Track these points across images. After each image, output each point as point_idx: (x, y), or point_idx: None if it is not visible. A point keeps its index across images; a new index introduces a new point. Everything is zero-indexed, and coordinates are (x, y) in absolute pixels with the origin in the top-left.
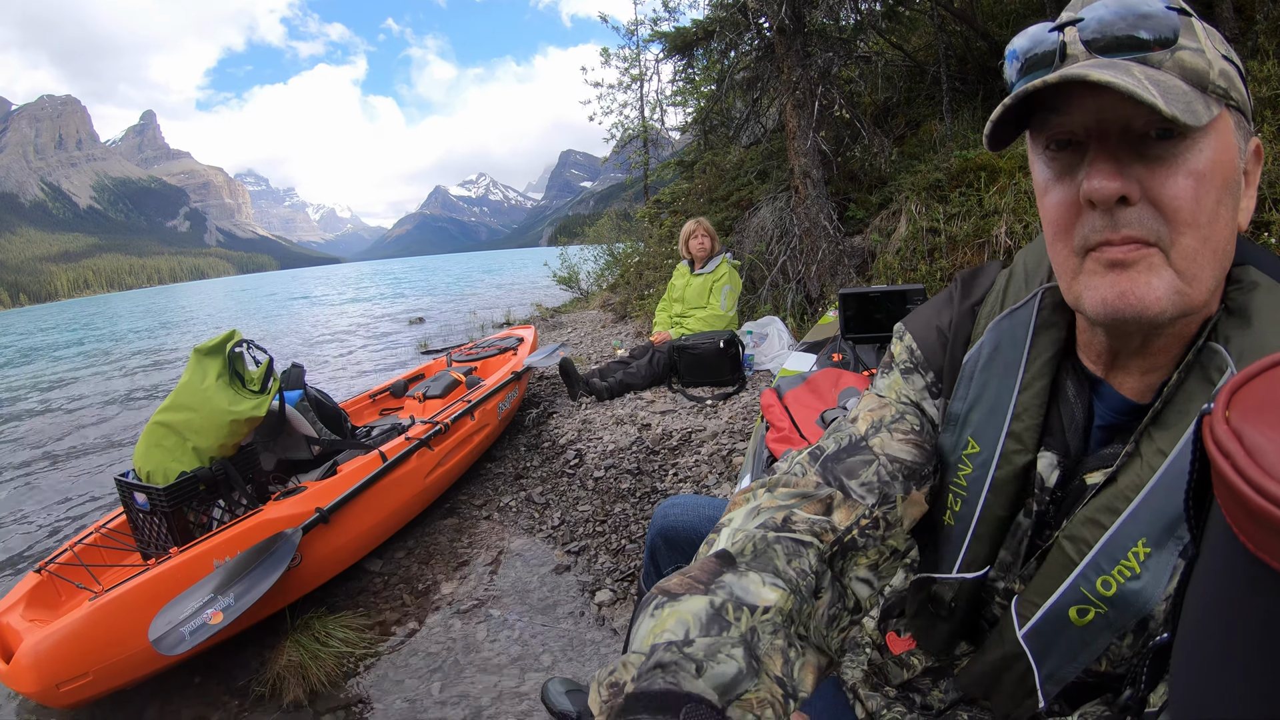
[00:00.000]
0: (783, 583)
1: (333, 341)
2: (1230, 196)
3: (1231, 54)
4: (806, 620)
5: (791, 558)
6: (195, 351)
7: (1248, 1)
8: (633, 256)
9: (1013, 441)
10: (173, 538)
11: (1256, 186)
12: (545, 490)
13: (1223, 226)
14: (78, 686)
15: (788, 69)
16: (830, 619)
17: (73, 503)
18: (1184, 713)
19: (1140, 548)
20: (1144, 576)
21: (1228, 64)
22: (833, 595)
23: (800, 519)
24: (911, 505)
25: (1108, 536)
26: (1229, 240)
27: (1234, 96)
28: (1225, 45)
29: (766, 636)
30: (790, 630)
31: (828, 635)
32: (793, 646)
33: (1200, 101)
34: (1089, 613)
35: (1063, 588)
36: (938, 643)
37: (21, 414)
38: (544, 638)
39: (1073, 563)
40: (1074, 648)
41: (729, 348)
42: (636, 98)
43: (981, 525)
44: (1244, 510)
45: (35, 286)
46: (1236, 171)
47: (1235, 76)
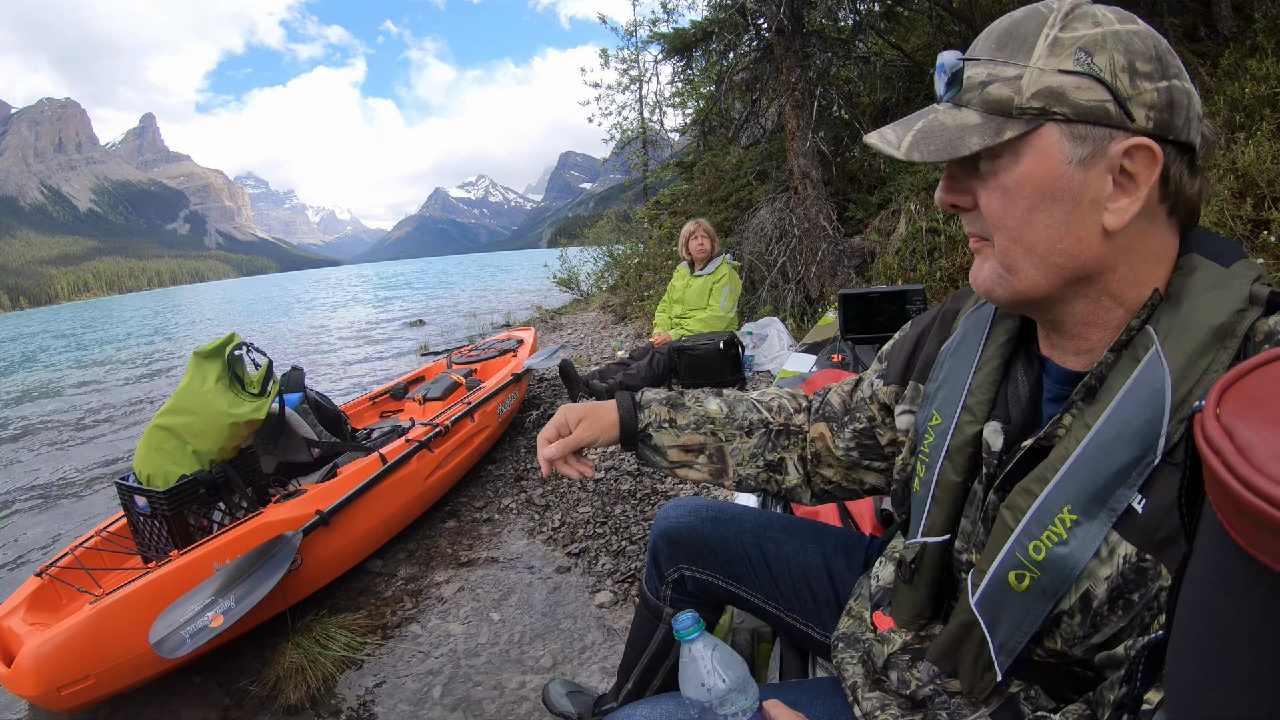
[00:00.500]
0: (727, 408)
1: (333, 344)
2: (1052, 203)
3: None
4: (730, 436)
5: (748, 411)
6: (195, 354)
7: (1246, 1)
8: (632, 258)
9: (966, 414)
10: (173, 541)
11: (1145, 185)
12: (545, 492)
13: (1039, 231)
14: (79, 690)
15: (786, 70)
16: (751, 455)
17: (73, 506)
18: (1179, 710)
19: (1066, 514)
20: (1070, 543)
21: (1069, 77)
22: (759, 443)
23: (774, 401)
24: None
25: (1038, 503)
26: (1056, 241)
27: (1058, 111)
28: (1088, 53)
29: (690, 407)
30: (707, 425)
31: (742, 462)
32: (697, 429)
33: (985, 131)
34: (1025, 578)
35: (1002, 553)
36: (906, 611)
37: (21, 416)
38: (545, 639)
39: (1010, 530)
40: (1019, 615)
41: (729, 349)
42: (636, 99)
43: (940, 490)
44: (1235, 507)
45: (35, 290)
46: (1060, 180)
47: (1073, 88)
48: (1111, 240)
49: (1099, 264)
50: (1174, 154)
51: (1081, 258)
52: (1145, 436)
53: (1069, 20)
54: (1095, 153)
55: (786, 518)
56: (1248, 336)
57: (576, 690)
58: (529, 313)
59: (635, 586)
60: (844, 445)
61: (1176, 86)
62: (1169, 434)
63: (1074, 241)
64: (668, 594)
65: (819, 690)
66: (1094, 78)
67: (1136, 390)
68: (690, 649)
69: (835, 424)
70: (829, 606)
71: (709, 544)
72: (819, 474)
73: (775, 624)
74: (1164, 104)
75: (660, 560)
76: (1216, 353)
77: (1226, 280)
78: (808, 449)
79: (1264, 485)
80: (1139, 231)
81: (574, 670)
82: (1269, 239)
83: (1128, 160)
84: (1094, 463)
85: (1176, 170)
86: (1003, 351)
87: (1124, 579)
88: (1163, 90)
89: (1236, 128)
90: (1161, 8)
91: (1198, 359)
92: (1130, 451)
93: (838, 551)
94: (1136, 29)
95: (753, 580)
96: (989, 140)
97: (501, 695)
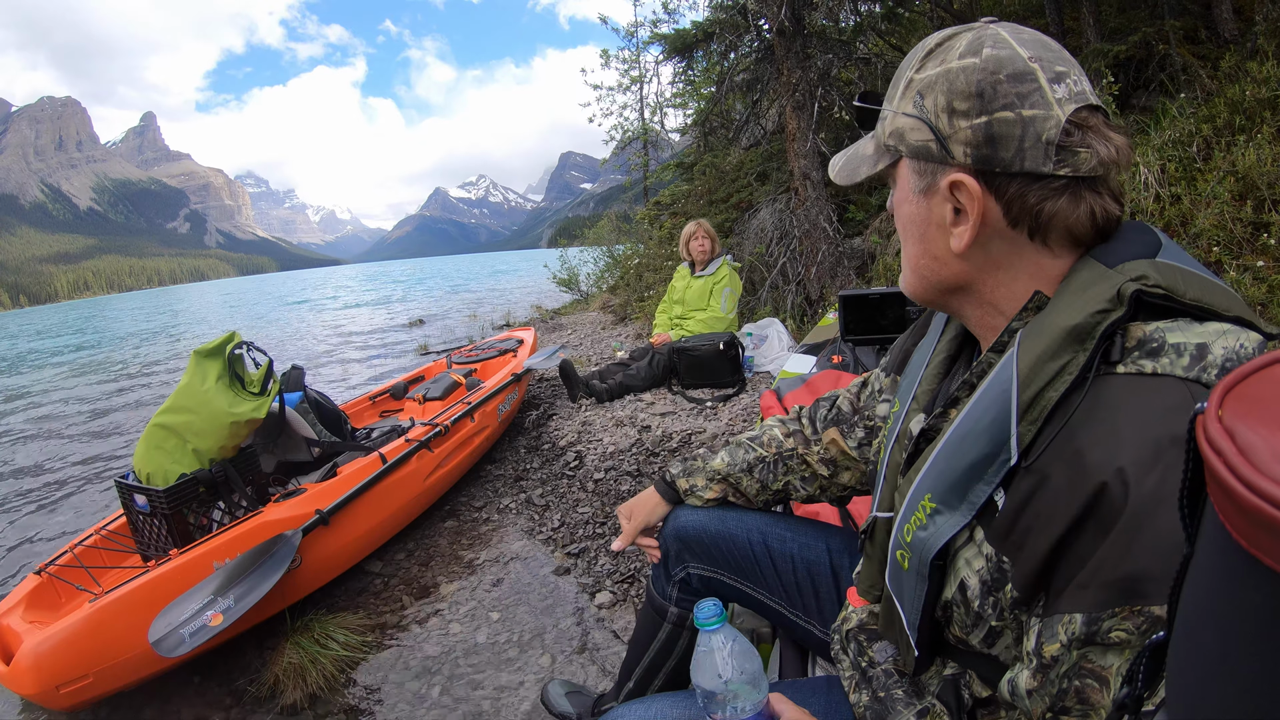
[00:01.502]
0: (728, 456)
1: (333, 343)
2: (910, 224)
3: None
4: (738, 479)
5: (745, 454)
6: (195, 354)
7: (1247, 2)
8: (633, 258)
9: (914, 403)
10: (173, 539)
11: (973, 214)
12: (545, 492)
13: (909, 245)
14: (78, 688)
15: (787, 71)
16: (759, 488)
17: (72, 505)
18: (1179, 711)
19: (927, 501)
20: (929, 528)
21: (908, 119)
22: (761, 475)
23: (763, 435)
24: (832, 441)
25: (911, 489)
26: (920, 255)
27: (901, 148)
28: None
29: (702, 468)
30: (718, 477)
31: (756, 494)
32: (714, 482)
33: (871, 161)
34: (905, 558)
35: (893, 533)
36: (864, 581)
37: (20, 416)
38: (544, 639)
39: (898, 512)
40: (910, 593)
41: (729, 350)
42: (636, 99)
43: (887, 470)
44: (1237, 508)
45: (35, 288)
46: (914, 205)
47: (910, 129)
48: (967, 259)
49: (962, 278)
50: (1009, 183)
51: (942, 273)
52: (994, 435)
53: (926, 60)
54: (930, 185)
55: (792, 516)
56: (1111, 338)
57: (576, 690)
58: (529, 313)
59: (635, 586)
60: (856, 443)
61: (1000, 119)
62: (1020, 434)
63: (931, 259)
64: (674, 593)
65: (817, 688)
66: (920, 119)
67: (989, 389)
68: (711, 638)
69: (846, 426)
70: (831, 604)
71: (716, 541)
72: (836, 483)
73: (778, 621)
74: (981, 140)
75: (668, 559)
76: (1073, 354)
77: (1097, 281)
78: (814, 464)
79: (1266, 486)
80: (1001, 252)
81: (573, 670)
82: (1269, 242)
83: (956, 192)
84: (950, 455)
85: (1018, 198)
86: (949, 348)
87: (990, 575)
88: (979, 126)
89: (1237, 130)
90: (1162, 9)
91: (1047, 361)
92: (979, 448)
93: (843, 550)
94: (972, 63)
95: (758, 576)
96: (869, 170)
97: (501, 695)
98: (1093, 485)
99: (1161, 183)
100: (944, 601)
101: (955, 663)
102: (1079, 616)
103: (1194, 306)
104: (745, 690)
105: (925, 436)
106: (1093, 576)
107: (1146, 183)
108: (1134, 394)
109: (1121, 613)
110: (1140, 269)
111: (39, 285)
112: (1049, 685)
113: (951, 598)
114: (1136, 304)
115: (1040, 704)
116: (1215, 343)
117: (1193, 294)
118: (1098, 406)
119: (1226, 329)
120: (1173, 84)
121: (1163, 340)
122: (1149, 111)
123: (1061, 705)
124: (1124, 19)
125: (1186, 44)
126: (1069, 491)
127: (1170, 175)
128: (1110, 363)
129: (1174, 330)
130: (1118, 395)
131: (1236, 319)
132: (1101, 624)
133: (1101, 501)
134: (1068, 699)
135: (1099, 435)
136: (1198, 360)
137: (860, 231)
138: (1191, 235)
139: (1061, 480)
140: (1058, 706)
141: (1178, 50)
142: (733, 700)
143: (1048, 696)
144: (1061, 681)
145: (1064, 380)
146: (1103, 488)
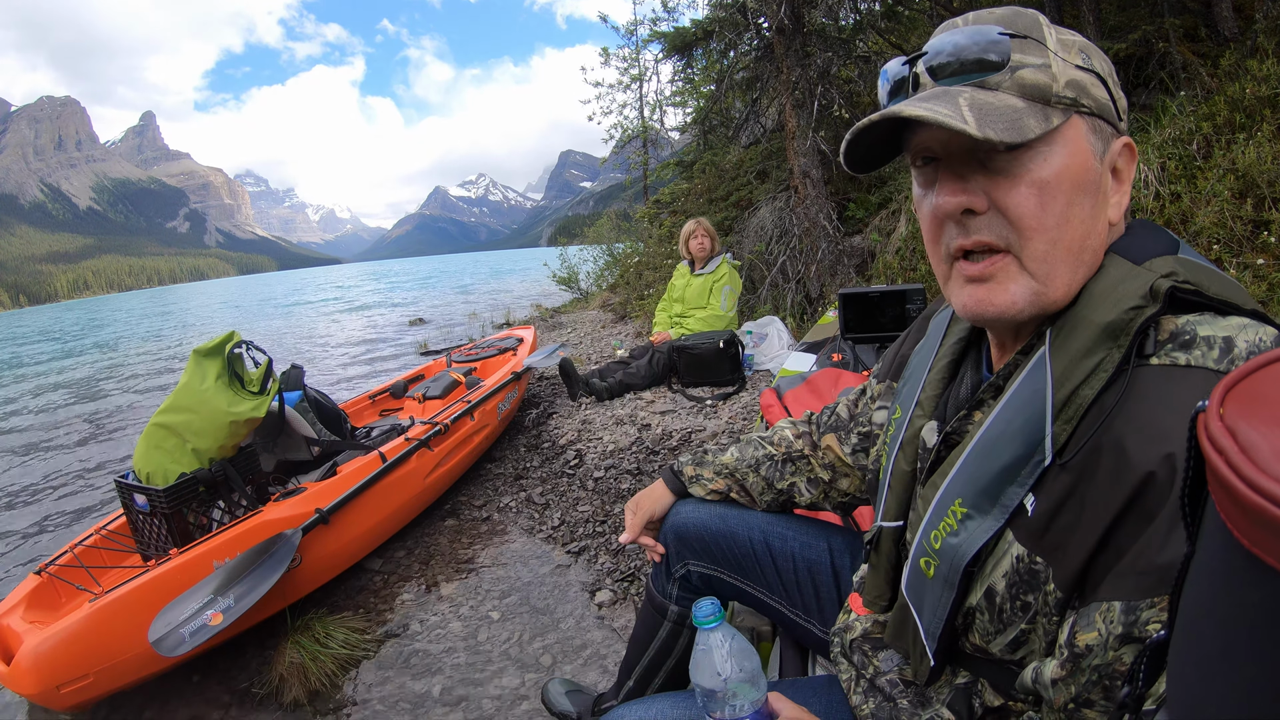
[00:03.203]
0: (738, 452)
1: (332, 342)
2: (1085, 197)
3: (1093, 62)
4: (745, 475)
5: (755, 450)
6: (194, 353)
7: (1247, 1)
8: (632, 257)
9: (918, 409)
10: (173, 539)
11: (1130, 183)
12: (545, 490)
13: (1075, 227)
14: (78, 688)
15: (787, 69)
16: (765, 485)
17: (72, 504)
18: (1181, 710)
19: (958, 506)
20: (960, 534)
21: (1082, 73)
22: (768, 473)
23: (775, 435)
24: (828, 447)
25: (938, 495)
26: (1087, 237)
27: (1085, 103)
28: (1086, 54)
29: (711, 461)
30: (725, 470)
31: (761, 492)
32: (719, 475)
33: (1036, 115)
34: (931, 566)
35: (916, 541)
36: (870, 591)
37: (20, 417)
38: (544, 638)
39: (921, 519)
40: (933, 601)
41: (729, 348)
42: (636, 98)
43: (892, 478)
44: (1238, 507)
45: (35, 288)
46: (1092, 173)
47: (1090, 84)
48: (1108, 234)
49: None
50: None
51: (1099, 253)
52: (1027, 436)
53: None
54: (1106, 148)
55: (793, 515)
56: (1145, 333)
57: (576, 689)
58: (528, 311)
59: (635, 585)
60: (851, 448)
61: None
62: (1055, 434)
63: (1097, 236)
64: (674, 592)
65: (817, 687)
66: (1098, 76)
67: (1021, 390)
68: (709, 637)
69: (842, 431)
70: (831, 604)
71: (717, 539)
72: (835, 489)
73: (778, 619)
74: (1125, 110)
75: (669, 557)
76: (1108, 351)
77: (1127, 277)
78: (818, 468)
79: (1267, 484)
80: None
81: (573, 669)
82: (1269, 239)
83: (1119, 157)
84: (981, 459)
85: None
86: (953, 352)
87: (1020, 578)
88: (1122, 100)
89: (1237, 128)
90: (1162, 7)
91: (1082, 358)
92: (1013, 450)
93: (844, 550)
94: (1086, 41)
95: (758, 575)
96: (1043, 127)
97: (501, 694)
98: (1139, 475)
99: (1161, 180)
100: (966, 609)
101: (967, 671)
102: (1118, 604)
103: (1219, 301)
104: (744, 689)
105: (948, 442)
106: (1133, 564)
107: (1146, 181)
108: (1172, 384)
109: (1160, 603)
110: (1168, 265)
111: (39, 285)
112: (1078, 675)
113: (976, 604)
114: (1170, 300)
115: (1064, 693)
116: (1239, 336)
117: (1215, 289)
118: (1136, 399)
119: (1247, 323)
120: (1173, 82)
121: (1194, 333)
122: (1149, 109)
123: (1086, 697)
124: (1124, 17)
125: (1186, 42)
126: (1113, 483)
127: (1170, 173)
128: (1144, 356)
129: (1203, 324)
130: (1156, 386)
131: (1253, 313)
132: (1140, 613)
133: (1148, 490)
134: (1094, 691)
135: (1141, 425)
136: (1226, 353)
137: (860, 229)
138: (1192, 233)
139: (1105, 473)
140: (1081, 698)
141: (1178, 48)
142: (732, 699)
143: (1074, 686)
144: (1091, 673)
145: (1100, 377)
146: (1149, 477)
